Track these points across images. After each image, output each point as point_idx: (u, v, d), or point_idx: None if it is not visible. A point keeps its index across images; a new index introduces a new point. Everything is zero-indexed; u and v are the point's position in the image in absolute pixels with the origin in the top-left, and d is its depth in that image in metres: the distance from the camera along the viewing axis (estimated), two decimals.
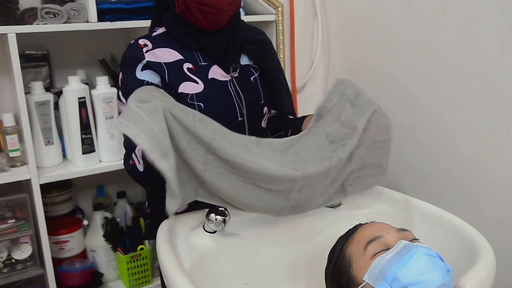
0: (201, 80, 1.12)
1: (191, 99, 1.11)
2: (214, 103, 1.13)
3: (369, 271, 0.78)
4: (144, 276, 1.64)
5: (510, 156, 1.20)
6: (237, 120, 1.17)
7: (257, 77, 1.22)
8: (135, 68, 1.10)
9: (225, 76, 1.16)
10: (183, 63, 1.12)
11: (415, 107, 1.47)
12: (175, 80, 1.11)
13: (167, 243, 1.00)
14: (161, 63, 1.10)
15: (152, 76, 1.10)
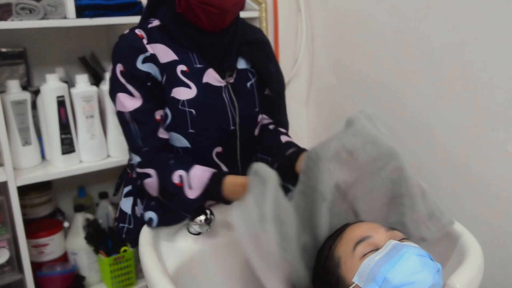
0: (195, 85, 1.05)
1: (182, 105, 1.04)
2: (206, 110, 1.07)
3: (358, 273, 0.76)
4: (128, 279, 1.60)
5: (494, 153, 1.20)
6: (229, 129, 1.11)
7: (254, 83, 1.15)
8: (135, 59, 1.02)
9: (220, 81, 1.08)
10: (177, 64, 1.05)
11: (398, 104, 1.46)
12: (168, 83, 1.05)
13: (150, 247, 0.97)
14: (160, 63, 1.04)
15: (155, 70, 1.03)
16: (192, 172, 1.01)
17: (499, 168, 1.19)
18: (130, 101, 1.03)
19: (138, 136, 1.04)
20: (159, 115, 1.06)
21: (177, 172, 1.01)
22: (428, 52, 1.32)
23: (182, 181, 1.00)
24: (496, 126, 1.18)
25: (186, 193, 1.00)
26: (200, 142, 1.09)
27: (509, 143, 1.16)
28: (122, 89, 1.03)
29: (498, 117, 1.18)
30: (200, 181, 1.00)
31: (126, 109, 1.03)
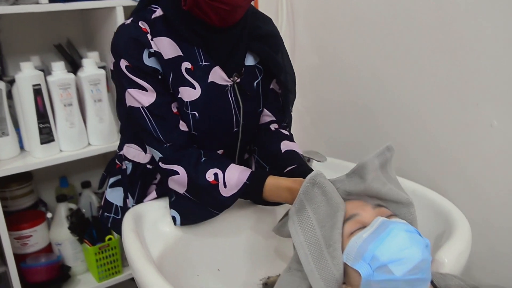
0: (199, 84, 0.99)
1: (186, 107, 0.99)
2: (210, 112, 1.01)
3: (346, 251, 0.75)
4: (114, 267, 1.58)
5: (479, 128, 1.19)
6: (233, 131, 1.07)
7: (260, 81, 1.09)
8: (141, 53, 0.95)
9: (227, 80, 1.02)
10: (182, 61, 0.98)
11: (382, 82, 1.45)
12: (175, 82, 0.98)
13: (133, 233, 0.95)
14: (164, 60, 0.96)
15: (159, 66, 0.97)
16: (228, 170, 0.97)
17: (484, 143, 1.19)
18: (143, 96, 0.97)
19: (158, 132, 0.99)
20: (175, 107, 1.00)
21: (212, 170, 0.97)
22: (412, 29, 1.30)
23: (217, 180, 0.96)
24: (481, 101, 1.17)
25: (220, 191, 0.96)
26: (201, 144, 1.04)
27: (494, 118, 1.15)
28: (132, 84, 0.96)
29: (483, 92, 1.17)
30: (238, 180, 0.96)
31: (141, 104, 0.97)
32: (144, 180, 1.11)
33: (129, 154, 1.12)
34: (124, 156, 1.13)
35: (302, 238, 0.78)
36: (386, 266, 0.69)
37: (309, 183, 0.81)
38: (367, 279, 0.71)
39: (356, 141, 1.61)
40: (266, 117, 1.16)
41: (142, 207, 1.05)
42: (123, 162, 1.13)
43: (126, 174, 1.12)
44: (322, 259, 0.75)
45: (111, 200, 1.16)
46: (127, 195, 1.12)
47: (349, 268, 0.74)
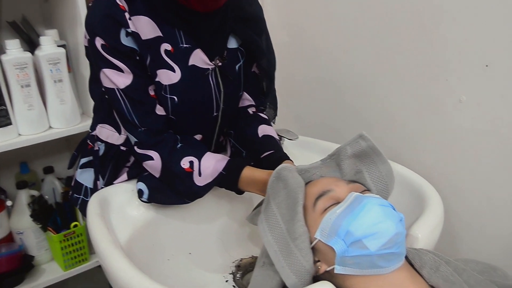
0: (179, 68, 0.94)
1: (164, 91, 0.94)
2: (190, 97, 0.97)
3: (320, 228, 0.73)
4: (80, 255, 1.53)
5: (448, 103, 1.19)
6: (212, 115, 1.03)
7: (242, 64, 1.05)
8: (118, 32, 0.88)
9: (208, 63, 0.97)
10: (161, 42, 0.92)
11: (350, 62, 1.43)
12: (153, 64, 0.93)
13: (98, 217, 0.91)
14: (142, 40, 0.90)
15: (136, 46, 0.91)
16: (204, 159, 0.94)
17: (453, 118, 1.19)
18: (119, 77, 0.91)
19: (133, 116, 0.94)
20: (153, 90, 0.95)
21: (188, 158, 0.93)
22: (382, 5, 1.29)
23: (192, 168, 0.93)
24: (450, 76, 1.17)
25: (195, 179, 0.93)
26: (179, 129, 1.00)
27: (464, 92, 1.15)
28: (107, 64, 0.91)
29: (452, 67, 1.16)
30: (213, 170, 0.93)
31: (116, 86, 0.92)
32: (116, 162, 1.07)
33: (102, 134, 1.08)
34: (97, 136, 1.09)
35: (270, 236, 0.77)
36: (361, 241, 0.68)
37: (275, 177, 0.80)
38: (341, 255, 0.70)
39: (326, 119, 1.60)
40: (245, 100, 1.13)
41: (108, 190, 1.01)
42: (96, 142, 1.08)
43: (98, 155, 1.07)
44: (291, 254, 0.74)
45: (81, 181, 1.11)
46: (98, 177, 1.07)
47: (323, 244, 0.73)
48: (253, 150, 1.05)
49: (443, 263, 0.73)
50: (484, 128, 1.14)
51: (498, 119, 1.11)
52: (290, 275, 0.73)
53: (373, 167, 0.86)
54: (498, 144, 1.12)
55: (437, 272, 0.72)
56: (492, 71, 1.09)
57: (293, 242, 0.74)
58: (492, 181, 1.15)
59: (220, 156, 0.97)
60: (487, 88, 1.11)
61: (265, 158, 1.01)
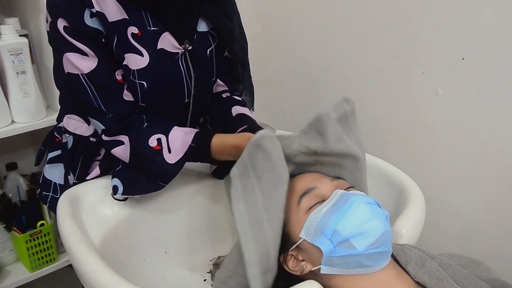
0: (147, 52, 0.89)
1: (133, 76, 0.89)
2: (159, 82, 0.93)
3: (305, 227, 0.71)
4: (48, 255, 1.47)
5: (425, 96, 1.19)
6: (184, 102, 0.99)
7: (214, 49, 1.01)
8: (81, 13, 0.83)
9: (177, 47, 0.93)
10: (128, 25, 0.88)
11: (326, 54, 1.42)
12: (120, 48, 0.87)
13: (69, 218, 0.86)
14: (108, 22, 0.85)
15: (102, 27, 0.86)
16: (172, 134, 0.89)
17: (430, 111, 1.19)
18: (82, 61, 0.86)
19: (99, 102, 0.89)
20: (120, 74, 0.90)
21: (155, 135, 0.89)
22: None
23: (160, 145, 0.88)
24: (427, 69, 1.17)
25: (165, 157, 0.88)
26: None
27: (440, 85, 1.16)
28: (70, 48, 0.85)
29: (429, 60, 1.16)
30: (182, 143, 0.88)
31: (80, 71, 0.86)
32: (86, 155, 1.02)
33: (69, 126, 1.02)
34: (64, 128, 1.03)
35: (242, 206, 0.72)
36: (348, 241, 0.67)
37: (254, 145, 0.74)
38: (328, 255, 0.68)
39: (301, 112, 1.58)
40: (219, 86, 1.10)
41: (79, 188, 0.96)
42: (63, 135, 1.03)
43: (67, 148, 1.02)
44: (260, 230, 0.69)
45: (49, 177, 1.06)
46: (68, 172, 1.02)
47: (309, 244, 0.70)
48: (227, 128, 1.00)
49: (428, 258, 0.73)
50: (460, 120, 1.14)
51: (474, 111, 1.11)
52: (253, 251, 0.68)
53: (350, 132, 0.83)
54: (474, 136, 1.13)
55: (422, 268, 0.71)
56: (468, 64, 1.09)
57: (268, 222, 0.70)
58: (468, 172, 1.16)
59: (188, 129, 0.92)
60: (463, 81, 1.11)
61: (240, 133, 0.97)
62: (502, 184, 1.11)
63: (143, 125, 0.91)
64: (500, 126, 1.08)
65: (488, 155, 1.11)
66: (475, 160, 1.14)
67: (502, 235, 1.14)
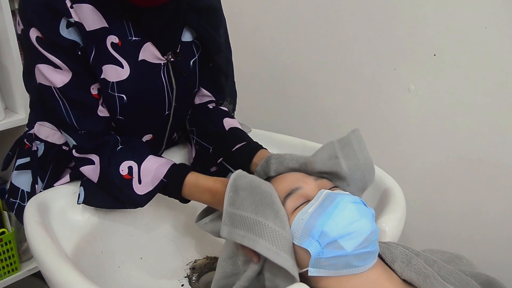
0: (128, 63, 0.84)
1: (111, 89, 0.84)
2: (140, 95, 0.88)
3: (291, 229, 0.69)
4: (10, 264, 1.39)
5: (397, 92, 1.20)
6: (164, 114, 0.94)
7: (197, 59, 0.97)
8: (57, 23, 0.77)
9: (160, 58, 0.88)
10: (108, 34, 0.82)
11: (298, 53, 1.41)
12: (97, 60, 0.82)
13: (38, 225, 0.81)
14: (86, 32, 0.80)
15: (79, 38, 0.80)
16: (145, 164, 0.83)
17: (402, 107, 1.20)
18: (55, 74, 0.80)
19: (72, 117, 0.83)
20: (96, 89, 0.85)
21: (127, 162, 0.83)
22: None
23: (131, 174, 0.83)
24: (398, 66, 1.18)
25: (134, 187, 0.83)
26: (129, 129, 0.91)
27: (412, 81, 1.17)
28: (42, 59, 0.80)
29: (401, 56, 1.17)
30: (153, 177, 0.83)
31: (53, 84, 0.81)
32: (57, 163, 0.96)
33: (41, 133, 0.96)
34: (35, 135, 0.97)
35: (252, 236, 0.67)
36: (337, 241, 0.65)
37: (232, 191, 0.72)
38: (316, 257, 0.66)
39: (270, 110, 1.57)
40: (204, 97, 1.06)
41: (46, 194, 0.90)
42: (34, 142, 0.97)
43: (36, 156, 0.96)
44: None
45: (16, 184, 0.99)
46: (36, 180, 0.96)
47: (296, 246, 0.69)
48: (222, 145, 0.97)
49: (413, 255, 0.72)
50: (431, 116, 1.16)
51: (445, 107, 1.13)
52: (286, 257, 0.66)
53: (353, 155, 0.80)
54: (445, 131, 1.15)
55: (409, 265, 0.71)
56: (440, 60, 1.11)
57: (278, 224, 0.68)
58: (439, 167, 1.18)
59: (164, 160, 0.86)
60: (435, 77, 1.13)
61: (238, 150, 0.94)
62: (474, 178, 1.14)
63: (117, 148, 0.86)
64: (471, 121, 1.10)
65: (459, 150, 1.13)
66: (447, 155, 1.16)
67: (476, 229, 1.17)
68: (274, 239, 0.66)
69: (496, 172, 1.10)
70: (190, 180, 0.84)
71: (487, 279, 0.71)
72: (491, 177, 1.11)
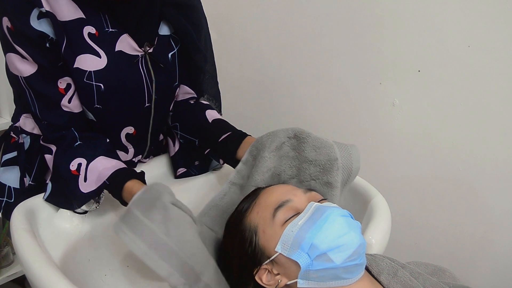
0: (105, 53, 0.86)
1: (88, 77, 0.85)
2: (117, 84, 0.89)
3: (281, 241, 0.70)
4: None
5: (382, 106, 1.23)
6: (144, 106, 0.96)
7: (176, 53, 0.98)
8: (27, 13, 0.79)
9: (137, 50, 0.91)
10: (84, 25, 0.84)
11: (281, 62, 1.43)
12: (71, 49, 0.83)
13: (26, 233, 0.80)
14: (59, 22, 0.81)
15: (50, 29, 0.81)
16: (93, 163, 0.85)
17: (387, 121, 1.23)
18: (22, 64, 0.83)
19: (36, 107, 0.86)
20: (65, 83, 0.86)
21: (78, 159, 0.85)
22: (316, 7, 1.29)
23: (78, 171, 0.84)
24: (384, 80, 1.21)
25: (79, 184, 0.84)
26: (108, 120, 0.92)
27: (397, 96, 1.19)
28: (11, 49, 0.82)
29: (386, 71, 1.20)
30: (98, 177, 0.85)
31: (20, 74, 0.84)
32: (44, 156, 0.96)
33: (26, 126, 0.97)
34: (21, 128, 0.98)
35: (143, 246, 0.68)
36: (326, 254, 0.67)
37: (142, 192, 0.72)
38: (306, 269, 0.68)
39: (255, 114, 1.58)
40: (186, 94, 1.08)
41: (33, 201, 0.90)
42: (20, 135, 0.97)
43: (23, 149, 0.96)
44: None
45: (3, 181, 0.99)
46: (24, 174, 0.97)
47: (285, 258, 0.70)
48: (207, 136, 1.01)
49: (399, 268, 0.74)
50: (415, 130, 1.19)
51: (428, 121, 1.16)
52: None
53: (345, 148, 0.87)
54: (428, 145, 1.18)
55: (395, 277, 0.73)
56: (424, 76, 1.14)
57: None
58: (422, 180, 1.21)
59: (114, 162, 0.88)
60: (419, 92, 1.16)
61: (223, 141, 0.98)
62: (455, 192, 1.17)
63: (74, 143, 0.88)
64: (454, 136, 1.13)
65: (442, 164, 1.16)
66: (429, 169, 1.19)
67: (456, 243, 1.20)
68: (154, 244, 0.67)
69: (477, 186, 1.13)
70: (128, 187, 0.85)
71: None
72: (472, 191, 1.14)
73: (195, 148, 1.04)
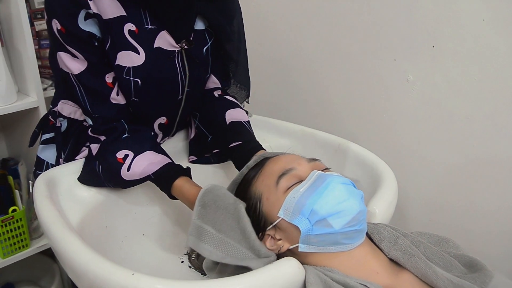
0: (144, 49, 0.89)
1: (127, 73, 0.89)
2: (154, 80, 0.93)
3: (283, 207, 0.73)
4: (21, 241, 1.45)
5: (396, 82, 1.22)
6: (177, 98, 1.00)
7: (210, 47, 1.01)
8: (75, 15, 0.83)
9: (174, 46, 0.93)
10: (125, 22, 0.87)
11: (300, 41, 1.43)
12: (113, 47, 0.87)
13: (47, 200, 0.85)
14: (103, 21, 0.85)
15: (97, 29, 0.86)
16: (140, 157, 0.90)
17: (400, 98, 1.23)
18: (73, 62, 0.88)
19: (86, 102, 0.91)
20: (111, 77, 0.91)
21: (125, 150, 0.90)
22: None
23: (124, 160, 0.89)
24: (398, 57, 1.21)
25: (121, 171, 0.89)
26: (144, 111, 0.97)
27: (411, 73, 1.19)
28: (62, 48, 0.87)
29: (400, 47, 1.20)
30: (143, 170, 0.89)
31: (70, 71, 0.88)
32: (77, 138, 1.02)
33: (64, 111, 1.03)
34: (59, 112, 1.04)
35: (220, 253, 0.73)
36: (325, 219, 0.69)
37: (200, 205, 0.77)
38: (306, 234, 0.70)
39: (274, 95, 1.60)
40: (211, 83, 1.10)
41: (55, 171, 0.95)
42: (58, 119, 1.03)
43: (60, 131, 1.02)
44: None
45: (42, 157, 1.06)
46: (60, 154, 1.03)
47: (287, 223, 0.72)
48: (220, 138, 1.03)
49: (400, 236, 0.76)
50: (429, 106, 1.18)
51: (443, 97, 1.15)
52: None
53: None
54: (442, 122, 1.17)
55: (395, 245, 0.74)
56: (438, 51, 1.13)
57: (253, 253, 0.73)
58: (436, 157, 1.21)
59: (160, 157, 0.92)
60: (433, 68, 1.15)
61: (234, 149, 0.99)
62: (468, 167, 1.16)
63: (123, 136, 0.93)
64: (468, 112, 1.12)
65: (456, 140, 1.16)
66: (444, 145, 1.19)
67: (468, 214, 1.19)
68: (239, 258, 0.71)
69: (492, 164, 1.12)
70: (177, 185, 0.90)
71: (470, 260, 0.74)
72: (487, 168, 1.13)
73: (206, 143, 1.08)
